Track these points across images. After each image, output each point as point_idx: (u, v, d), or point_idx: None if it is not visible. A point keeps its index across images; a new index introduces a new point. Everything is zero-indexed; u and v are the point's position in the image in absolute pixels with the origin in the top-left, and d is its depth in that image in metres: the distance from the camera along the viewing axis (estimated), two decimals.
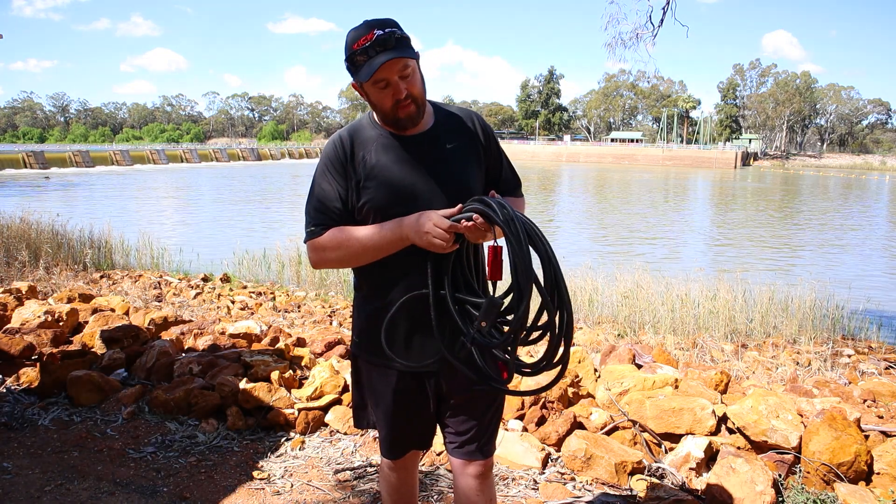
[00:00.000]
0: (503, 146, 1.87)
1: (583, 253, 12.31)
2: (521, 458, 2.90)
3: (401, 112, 1.61)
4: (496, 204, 1.49)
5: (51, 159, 48.01)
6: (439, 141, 1.70)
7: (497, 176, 1.82)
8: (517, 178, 1.88)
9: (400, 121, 1.63)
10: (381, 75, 1.55)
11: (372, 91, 1.60)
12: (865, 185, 49.79)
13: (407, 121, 1.63)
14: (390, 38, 1.53)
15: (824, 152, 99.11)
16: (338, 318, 6.37)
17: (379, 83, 1.57)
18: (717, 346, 5.50)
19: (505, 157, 1.85)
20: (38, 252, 8.10)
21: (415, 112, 1.63)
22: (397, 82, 1.57)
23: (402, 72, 1.57)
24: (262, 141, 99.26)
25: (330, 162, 1.68)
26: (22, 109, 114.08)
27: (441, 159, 1.68)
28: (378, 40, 1.52)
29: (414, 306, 1.65)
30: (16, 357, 3.83)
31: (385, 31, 1.53)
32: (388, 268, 1.68)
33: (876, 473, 2.68)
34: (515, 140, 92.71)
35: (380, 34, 1.52)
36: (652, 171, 61.27)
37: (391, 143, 1.67)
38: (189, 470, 2.87)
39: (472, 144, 1.75)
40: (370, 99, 1.63)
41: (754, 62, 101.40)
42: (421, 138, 1.69)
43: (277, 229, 14.91)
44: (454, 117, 1.77)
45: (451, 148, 1.70)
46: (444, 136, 1.71)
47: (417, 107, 1.63)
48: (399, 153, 1.66)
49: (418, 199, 1.62)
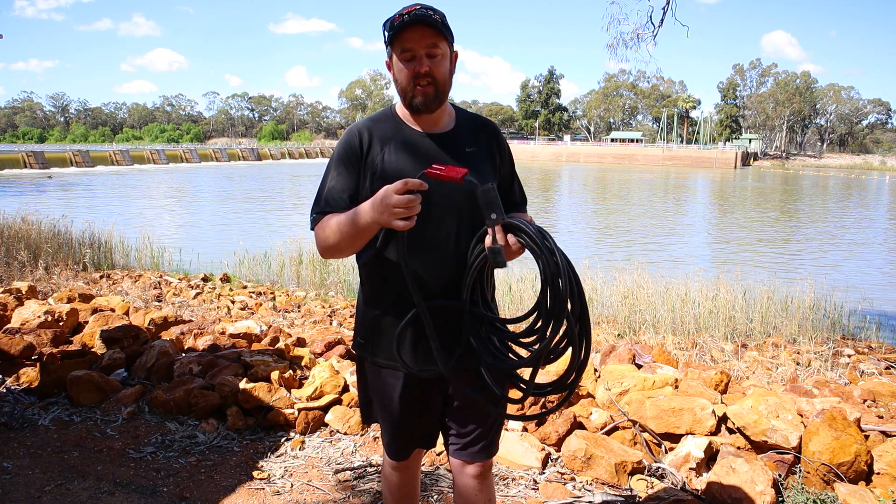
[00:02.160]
0: None
1: (583, 253, 12.31)
2: (521, 458, 2.90)
3: (417, 91, 1.60)
4: (535, 230, 1.48)
5: (51, 159, 47.96)
6: (459, 143, 1.70)
7: (507, 191, 1.82)
8: (524, 196, 1.89)
9: (415, 100, 1.61)
10: (408, 43, 1.56)
11: (397, 64, 1.60)
12: (865, 185, 49.78)
13: (422, 103, 1.61)
14: (428, 15, 1.54)
15: (824, 152, 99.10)
16: (338, 318, 6.37)
17: (405, 53, 1.57)
18: (717, 346, 5.50)
19: (516, 174, 1.86)
20: (37, 252, 8.10)
21: (432, 95, 1.61)
22: (422, 56, 1.57)
23: (430, 49, 1.57)
24: (262, 141, 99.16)
25: (345, 153, 1.67)
26: (22, 109, 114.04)
27: (459, 160, 1.67)
28: (417, 13, 1.54)
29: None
30: (16, 357, 3.83)
31: (428, 10, 1.55)
32: (387, 270, 1.67)
33: (876, 473, 2.68)
34: (515, 140, 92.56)
35: (420, 8, 1.55)
36: (652, 171, 61.25)
37: (410, 140, 1.66)
38: (189, 470, 2.87)
39: (489, 152, 1.75)
40: (394, 74, 1.63)
41: (754, 62, 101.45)
42: (440, 138, 1.69)
43: (277, 229, 14.92)
44: (475, 123, 1.78)
45: (469, 152, 1.70)
46: (464, 139, 1.71)
47: (436, 92, 1.61)
48: (417, 150, 1.65)
49: (432, 199, 1.58)
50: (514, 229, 1.50)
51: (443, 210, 1.64)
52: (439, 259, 1.65)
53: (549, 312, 1.48)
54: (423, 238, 1.62)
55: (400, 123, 1.69)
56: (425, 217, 1.56)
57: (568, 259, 1.46)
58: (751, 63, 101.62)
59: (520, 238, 1.50)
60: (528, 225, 1.49)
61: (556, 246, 1.45)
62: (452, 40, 1.64)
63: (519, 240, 1.50)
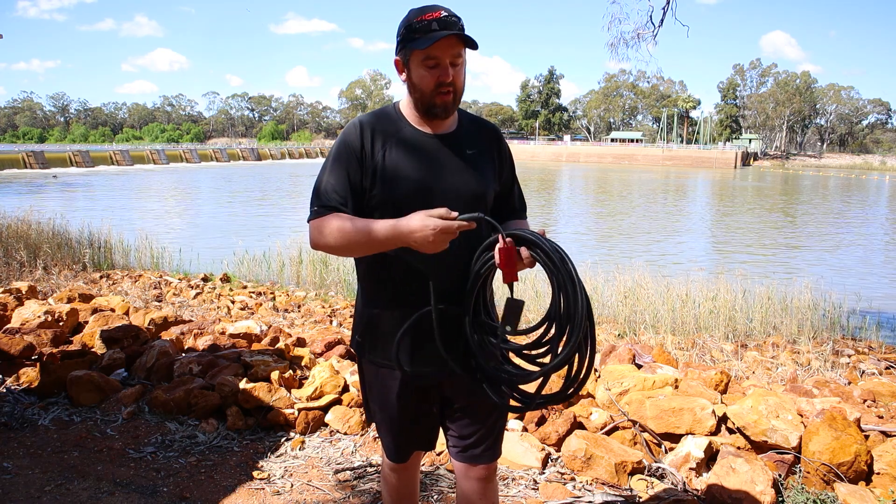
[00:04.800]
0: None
1: (583, 252, 12.31)
2: (521, 458, 2.90)
3: (439, 98, 1.59)
4: (550, 245, 1.47)
5: (51, 159, 47.96)
6: (461, 144, 1.69)
7: (507, 196, 1.81)
8: (524, 203, 1.88)
9: (435, 107, 1.61)
10: (436, 51, 1.54)
11: (417, 69, 1.58)
12: (865, 185, 49.78)
13: (441, 109, 1.61)
14: (455, 23, 1.54)
15: (824, 152, 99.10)
16: (338, 318, 6.37)
17: (430, 60, 1.56)
18: (717, 346, 5.50)
19: (517, 180, 1.85)
20: (37, 252, 8.09)
21: (451, 103, 1.61)
22: (447, 66, 1.57)
23: (455, 58, 1.57)
24: (262, 141, 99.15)
25: (346, 147, 1.64)
26: (22, 109, 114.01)
27: (460, 162, 1.67)
28: (444, 18, 1.53)
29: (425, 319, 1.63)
30: (16, 357, 3.83)
31: (454, 17, 1.55)
32: (386, 269, 1.67)
33: (876, 473, 2.68)
34: (515, 140, 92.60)
35: (446, 14, 1.54)
36: (652, 171, 61.25)
37: (412, 138, 1.65)
38: (189, 470, 2.87)
39: (490, 155, 1.74)
40: (411, 78, 1.60)
41: (754, 62, 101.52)
42: (443, 138, 1.68)
43: (277, 229, 14.90)
44: (478, 125, 1.77)
45: (471, 153, 1.69)
46: (466, 141, 1.70)
47: (455, 100, 1.61)
48: (419, 149, 1.64)
49: (433, 198, 1.57)
50: (529, 243, 1.50)
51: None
52: (451, 262, 1.62)
53: (564, 327, 1.47)
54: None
55: (402, 122, 1.67)
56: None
57: (578, 276, 1.46)
58: (751, 63, 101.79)
59: (534, 253, 1.49)
60: (542, 239, 1.49)
61: (571, 262, 1.46)
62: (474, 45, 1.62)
63: (533, 255, 1.50)
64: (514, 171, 1.84)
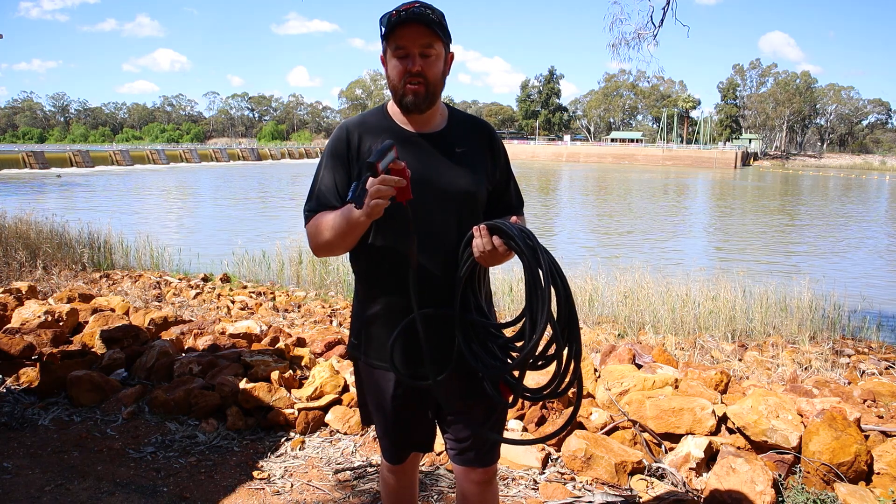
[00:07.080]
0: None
1: (583, 252, 12.31)
2: (521, 458, 2.90)
3: (408, 89, 1.58)
4: (519, 232, 1.45)
5: (51, 159, 47.94)
6: (450, 143, 1.68)
7: (502, 193, 1.80)
8: (521, 199, 1.87)
9: (405, 99, 1.60)
10: (402, 40, 1.54)
11: (390, 61, 1.59)
12: (865, 185, 49.78)
13: (411, 101, 1.60)
14: (426, 14, 1.53)
15: (824, 152, 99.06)
16: (338, 318, 6.37)
17: (399, 50, 1.56)
18: (717, 346, 5.50)
19: (513, 176, 1.84)
20: (36, 252, 8.09)
21: (422, 94, 1.59)
22: (416, 55, 1.56)
23: (424, 48, 1.56)
24: (262, 141, 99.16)
25: (334, 150, 1.66)
26: (22, 109, 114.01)
27: (449, 161, 1.66)
28: (415, 10, 1.53)
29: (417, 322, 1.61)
30: (16, 357, 3.83)
31: (427, 8, 1.54)
32: (381, 271, 1.67)
33: (876, 473, 2.68)
34: (515, 140, 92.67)
35: (419, 6, 1.53)
36: (652, 171, 61.24)
37: (399, 138, 1.63)
38: (189, 470, 2.87)
39: (481, 153, 1.73)
40: (387, 71, 1.62)
41: (754, 62, 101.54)
42: (431, 137, 1.67)
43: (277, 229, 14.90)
44: (468, 123, 1.76)
45: (460, 152, 1.68)
46: (456, 139, 1.69)
47: (427, 92, 1.59)
48: (406, 149, 1.62)
49: (422, 197, 1.57)
50: (500, 233, 1.49)
51: (441, 212, 1.63)
52: (440, 260, 1.63)
53: (532, 316, 1.45)
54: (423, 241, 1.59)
55: (390, 121, 1.68)
56: (424, 219, 1.56)
57: (554, 260, 1.43)
58: (751, 63, 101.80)
59: (506, 242, 1.48)
60: (511, 227, 1.46)
61: (541, 247, 1.43)
62: (449, 41, 1.62)
63: (505, 243, 1.48)
64: (510, 167, 1.82)
